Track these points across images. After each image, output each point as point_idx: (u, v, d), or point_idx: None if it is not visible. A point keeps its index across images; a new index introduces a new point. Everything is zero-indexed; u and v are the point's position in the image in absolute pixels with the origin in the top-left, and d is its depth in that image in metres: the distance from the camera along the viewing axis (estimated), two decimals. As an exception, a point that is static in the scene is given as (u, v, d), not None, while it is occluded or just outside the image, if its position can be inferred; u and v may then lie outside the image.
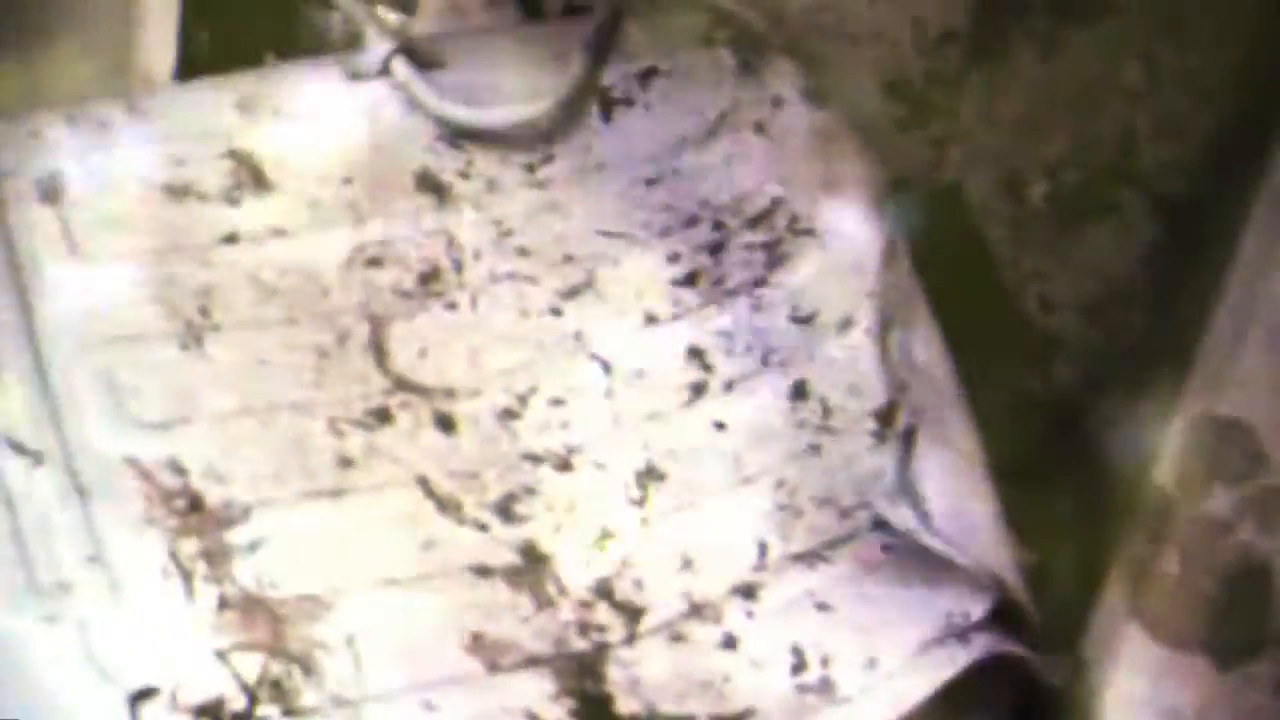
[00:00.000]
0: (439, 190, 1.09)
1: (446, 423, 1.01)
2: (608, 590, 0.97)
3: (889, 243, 1.07)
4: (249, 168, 1.07)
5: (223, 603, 0.91)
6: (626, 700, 0.93)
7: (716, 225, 1.10)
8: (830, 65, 1.21)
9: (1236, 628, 1.04)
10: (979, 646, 0.95)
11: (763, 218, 1.10)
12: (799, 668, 0.95)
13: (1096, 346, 1.25)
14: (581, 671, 0.93)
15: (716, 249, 1.09)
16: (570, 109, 1.12)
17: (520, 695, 0.92)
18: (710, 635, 0.96)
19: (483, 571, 0.96)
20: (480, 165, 1.10)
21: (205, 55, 1.26)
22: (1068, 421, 1.23)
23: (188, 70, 1.25)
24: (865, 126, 1.16)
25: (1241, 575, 1.05)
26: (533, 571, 0.96)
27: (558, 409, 1.03)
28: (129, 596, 0.90)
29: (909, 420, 1.00)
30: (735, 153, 1.12)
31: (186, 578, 0.92)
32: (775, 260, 1.08)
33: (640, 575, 0.97)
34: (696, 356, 1.05)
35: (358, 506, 0.97)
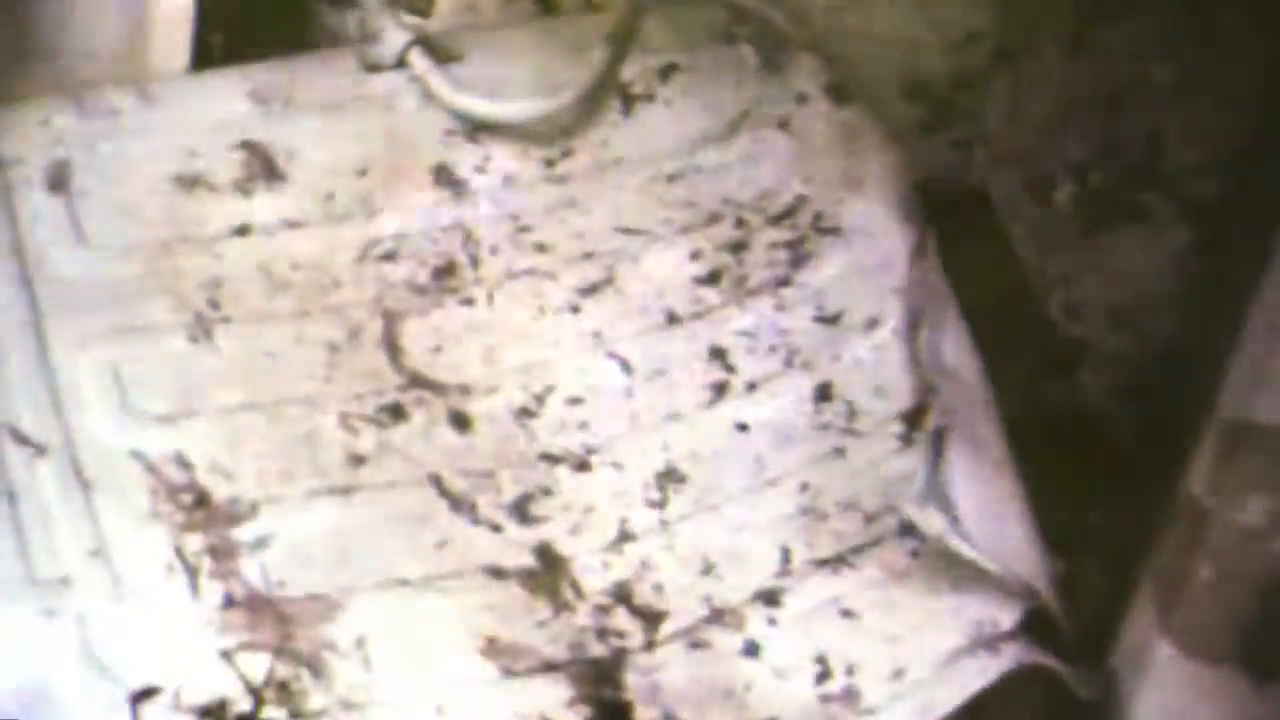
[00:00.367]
0: (455, 184, 1.08)
1: (461, 421, 0.99)
2: (626, 594, 0.94)
3: (917, 240, 1.05)
4: (261, 159, 1.06)
5: (228, 601, 0.89)
6: (645, 708, 0.90)
7: (739, 223, 1.08)
8: (852, 66, 1.20)
9: (1272, 641, 1.02)
10: (1010, 657, 0.93)
11: (786, 215, 1.08)
12: (823, 676, 0.92)
13: (1124, 354, 1.24)
14: (599, 678, 0.91)
15: (739, 247, 1.07)
16: (589, 104, 1.10)
17: (535, 701, 0.89)
18: (732, 642, 0.93)
19: (497, 573, 0.93)
20: (497, 159, 1.08)
21: (219, 58, 1.25)
22: (1093, 429, 1.21)
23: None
24: (888, 129, 1.14)
25: (1277, 587, 1.03)
26: (549, 574, 0.94)
27: (576, 408, 1.01)
28: (131, 592, 0.88)
29: (939, 422, 0.98)
30: (758, 149, 1.10)
31: (191, 574, 0.89)
32: (799, 259, 1.06)
33: (660, 579, 0.95)
34: (718, 356, 1.03)
35: (369, 505, 0.95)
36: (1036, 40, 1.26)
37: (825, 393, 1.02)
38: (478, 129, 1.09)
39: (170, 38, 1.28)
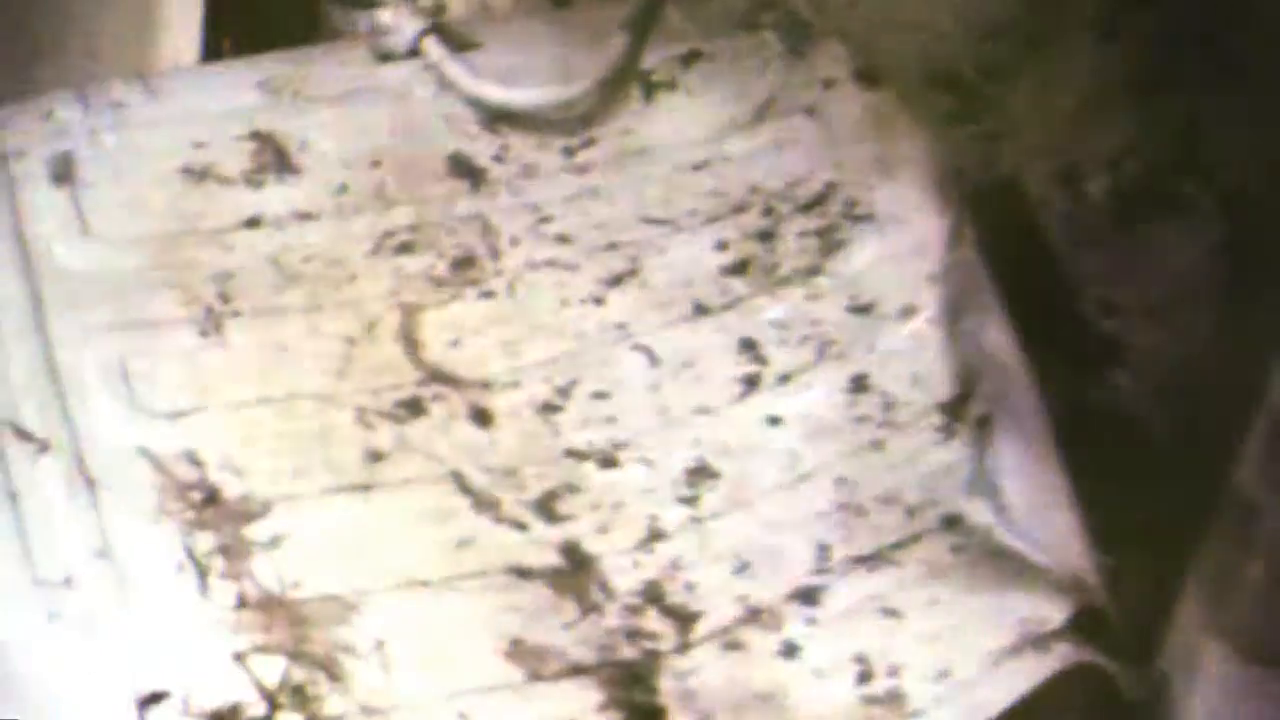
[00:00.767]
0: (473, 174, 1.05)
1: (482, 416, 0.96)
2: (657, 594, 0.91)
3: (954, 224, 1.02)
4: (272, 149, 1.03)
5: (241, 602, 0.86)
6: (680, 713, 0.86)
7: (767, 211, 1.05)
8: (876, 56, 1.17)
9: (1328, 642, 0.99)
10: (1060, 656, 0.89)
11: (816, 203, 1.05)
12: (865, 678, 0.88)
13: (1161, 350, 1.21)
14: (631, 682, 0.87)
15: (767, 236, 1.04)
16: (610, 92, 1.08)
17: (564, 706, 0.86)
18: (769, 643, 0.89)
19: (522, 573, 0.90)
20: (516, 149, 1.06)
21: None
22: (1129, 427, 1.18)
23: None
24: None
25: (1333, 585, 1.00)
26: (576, 574, 0.91)
27: (601, 402, 0.97)
28: (139, 593, 0.85)
29: (983, 409, 0.95)
30: (784, 137, 1.07)
31: (202, 574, 0.86)
32: (830, 247, 1.03)
33: (692, 578, 0.91)
34: (748, 348, 1.00)
35: (387, 502, 0.91)
36: (1066, 26, 1.23)
37: (861, 384, 0.99)
38: (495, 118, 1.06)
39: (178, 42, 1.26)
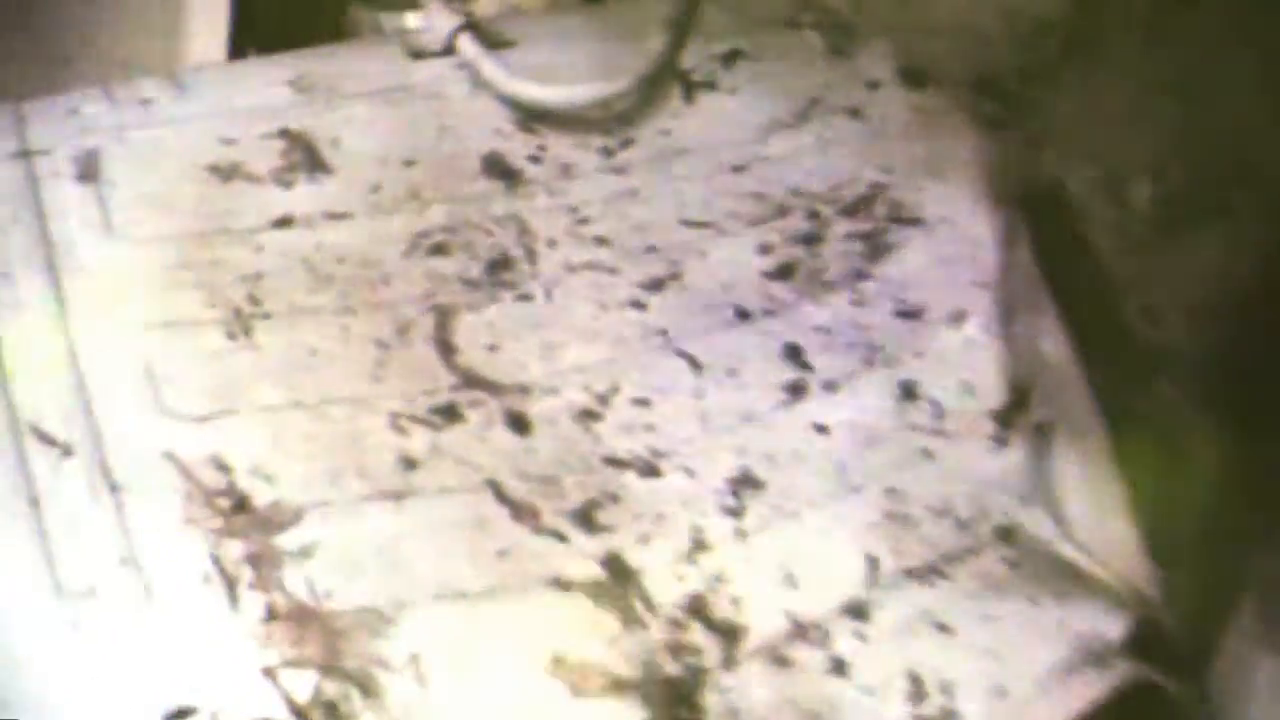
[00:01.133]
0: (509, 174, 1.02)
1: (520, 423, 0.92)
2: (702, 608, 0.87)
3: (1008, 227, 0.99)
4: (303, 148, 0.99)
5: (271, 613, 0.82)
6: (725, 731, 0.84)
7: (810, 214, 1.02)
8: (917, 59, 1.15)
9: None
10: (1119, 672, 0.86)
11: (862, 205, 1.02)
12: (917, 696, 0.86)
13: (1207, 359, 1.18)
14: (674, 698, 0.84)
15: (812, 240, 1.01)
16: (649, 91, 1.05)
17: (606, 724, 0.83)
18: (817, 659, 0.86)
19: (562, 585, 0.86)
20: (553, 148, 1.03)
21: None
22: (1175, 437, 1.15)
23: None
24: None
25: (1394, 599, 0.96)
26: (618, 586, 0.87)
27: (642, 410, 0.94)
28: (164, 604, 0.82)
29: (1040, 417, 0.92)
30: (828, 138, 1.05)
31: (230, 585, 0.83)
32: (877, 251, 1.00)
33: (737, 592, 0.88)
34: (793, 355, 0.97)
35: (422, 511, 0.88)
36: (1110, 29, 1.21)
37: (910, 391, 0.96)
38: (531, 117, 1.03)
39: (206, 49, 1.24)
